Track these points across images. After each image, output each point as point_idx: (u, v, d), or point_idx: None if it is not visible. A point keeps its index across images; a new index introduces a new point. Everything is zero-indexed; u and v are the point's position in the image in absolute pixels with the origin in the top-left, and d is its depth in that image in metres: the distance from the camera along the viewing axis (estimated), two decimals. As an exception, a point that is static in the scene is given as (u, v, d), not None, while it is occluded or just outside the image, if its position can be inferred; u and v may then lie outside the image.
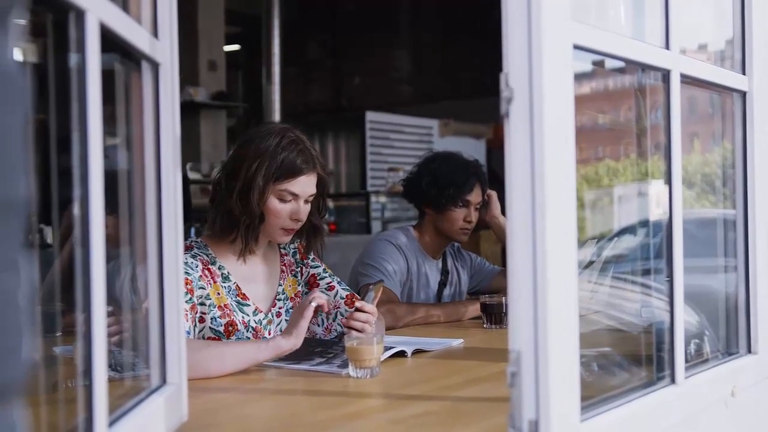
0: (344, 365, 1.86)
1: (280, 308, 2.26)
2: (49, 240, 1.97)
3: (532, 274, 1.14)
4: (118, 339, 1.47)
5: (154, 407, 1.25)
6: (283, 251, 2.34)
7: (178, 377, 1.35)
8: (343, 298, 2.29)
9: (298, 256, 2.36)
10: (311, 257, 2.38)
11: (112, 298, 1.13)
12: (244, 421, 1.53)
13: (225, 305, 2.12)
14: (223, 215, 2.14)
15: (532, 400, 1.14)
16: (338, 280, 2.37)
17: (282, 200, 2.13)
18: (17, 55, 0.58)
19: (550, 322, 1.12)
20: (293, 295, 2.31)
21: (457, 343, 2.29)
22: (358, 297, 2.29)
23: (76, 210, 0.97)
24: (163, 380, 1.34)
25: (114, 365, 1.29)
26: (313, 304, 1.92)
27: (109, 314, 1.40)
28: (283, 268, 2.31)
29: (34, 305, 0.59)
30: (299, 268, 2.35)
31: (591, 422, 1.24)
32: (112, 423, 1.07)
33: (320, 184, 2.21)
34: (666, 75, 1.47)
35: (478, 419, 1.48)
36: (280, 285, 2.28)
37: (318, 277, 2.35)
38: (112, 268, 1.10)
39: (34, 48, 0.99)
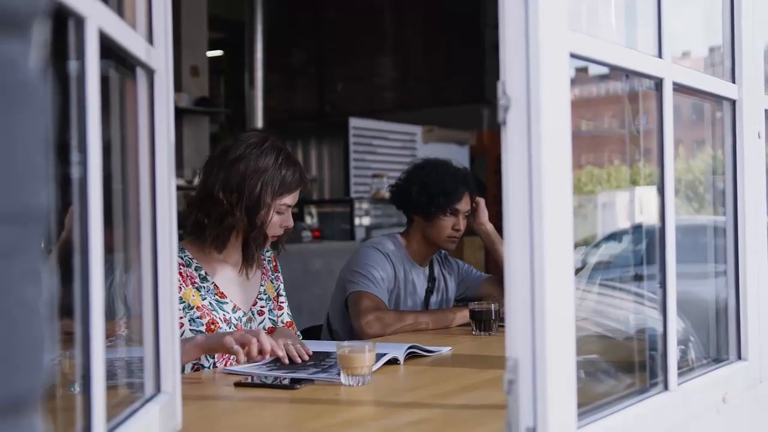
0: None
1: (262, 307, 2.35)
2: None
3: (530, 282, 1.14)
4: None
5: (149, 416, 1.24)
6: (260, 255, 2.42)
7: (172, 386, 1.34)
8: (284, 323, 2.38)
9: (272, 265, 2.45)
10: (279, 271, 2.48)
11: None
12: (237, 430, 1.52)
13: (203, 305, 2.18)
14: (227, 230, 2.20)
15: (529, 407, 1.14)
16: (271, 307, 2.42)
17: (278, 213, 2.24)
18: (39, 63, 0.58)
19: (547, 329, 1.13)
20: (273, 297, 2.40)
21: (446, 350, 2.30)
22: (294, 326, 2.41)
23: (75, 216, 0.96)
24: (158, 389, 1.33)
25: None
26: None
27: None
28: (264, 270, 2.40)
29: (54, 315, 0.58)
30: (275, 276, 2.45)
31: (587, 429, 1.24)
32: (108, 432, 1.06)
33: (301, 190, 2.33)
34: (659, 83, 1.48)
35: (472, 426, 1.48)
36: (262, 285, 2.37)
37: (279, 293, 2.45)
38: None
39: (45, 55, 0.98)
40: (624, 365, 1.68)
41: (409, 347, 2.15)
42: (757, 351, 1.79)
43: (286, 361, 2.01)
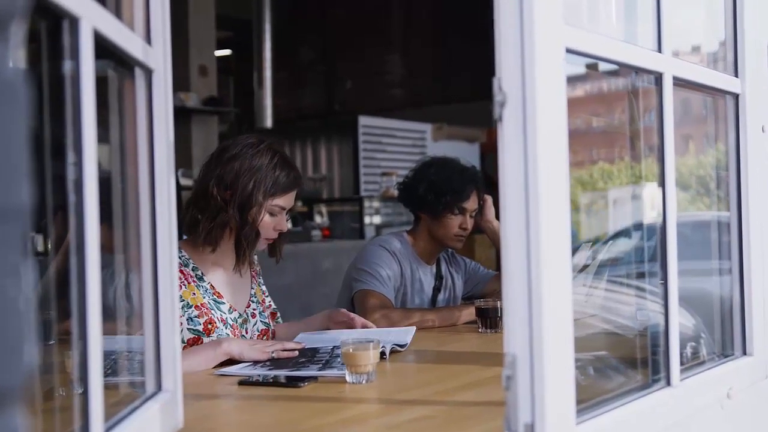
0: (344, 368, 1.85)
1: (254, 310, 2.38)
2: (40, 248, 1.96)
3: (527, 278, 1.14)
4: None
5: (149, 414, 1.24)
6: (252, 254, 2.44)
7: (173, 384, 1.35)
8: (258, 332, 2.38)
9: (258, 269, 2.48)
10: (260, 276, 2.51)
11: (106, 306, 1.13)
12: (239, 428, 1.53)
13: (202, 304, 2.21)
14: (219, 226, 2.21)
15: (527, 403, 1.14)
16: (261, 310, 2.44)
17: (271, 214, 2.26)
18: (18, 62, 0.58)
19: (545, 325, 1.13)
20: (261, 300, 2.43)
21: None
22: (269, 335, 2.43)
23: (71, 218, 0.97)
24: (159, 387, 1.33)
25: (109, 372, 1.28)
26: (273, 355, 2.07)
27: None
28: (254, 274, 2.44)
29: (35, 311, 0.59)
30: (261, 279, 2.48)
31: (586, 425, 1.24)
32: (107, 430, 1.06)
33: (297, 195, 2.35)
34: (659, 78, 1.47)
35: (474, 423, 1.48)
36: (252, 288, 2.41)
37: (265, 294, 2.48)
38: (105, 276, 1.10)
39: (26, 54, 0.99)
40: (628, 361, 1.68)
41: (393, 344, 2.18)
42: (762, 347, 1.78)
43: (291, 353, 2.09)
